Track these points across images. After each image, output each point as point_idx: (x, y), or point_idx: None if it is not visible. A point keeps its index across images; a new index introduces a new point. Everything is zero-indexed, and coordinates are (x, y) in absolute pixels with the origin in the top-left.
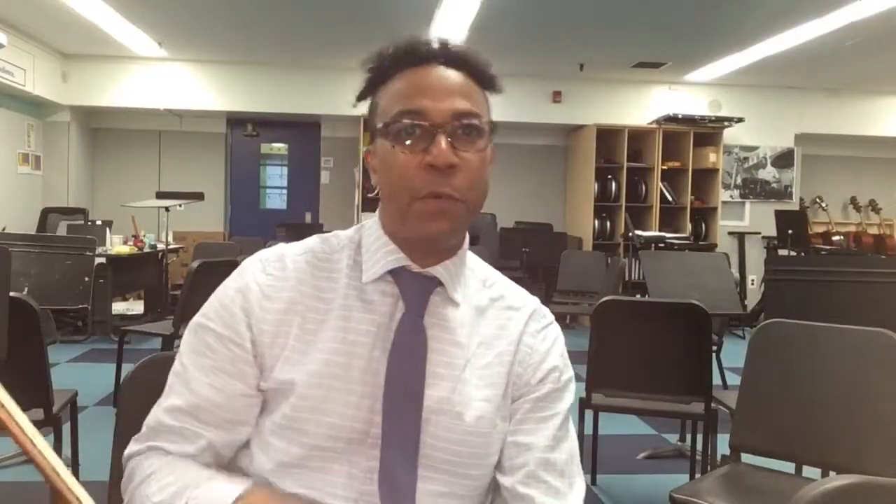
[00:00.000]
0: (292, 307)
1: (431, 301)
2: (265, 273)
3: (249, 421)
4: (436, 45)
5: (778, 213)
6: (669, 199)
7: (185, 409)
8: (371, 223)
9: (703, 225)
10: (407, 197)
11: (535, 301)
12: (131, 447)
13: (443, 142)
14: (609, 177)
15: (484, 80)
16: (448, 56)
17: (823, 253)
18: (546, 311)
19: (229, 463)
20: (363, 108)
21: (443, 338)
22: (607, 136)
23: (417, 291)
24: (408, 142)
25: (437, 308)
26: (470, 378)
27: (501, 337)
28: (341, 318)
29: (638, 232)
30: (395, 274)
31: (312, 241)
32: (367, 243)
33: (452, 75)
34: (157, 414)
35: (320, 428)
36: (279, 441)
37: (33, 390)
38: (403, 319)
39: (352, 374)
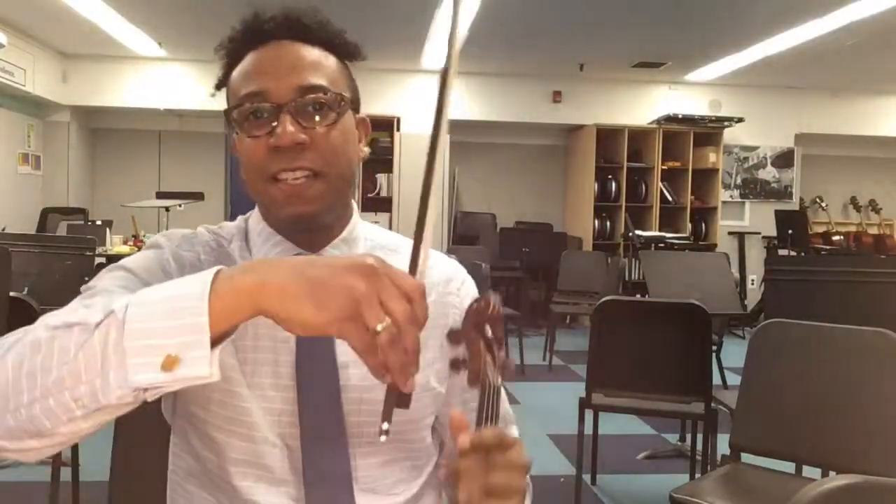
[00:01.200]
0: None
1: None
2: (181, 249)
3: None
4: (280, 20)
5: (778, 213)
6: (669, 199)
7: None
8: (255, 212)
9: (703, 225)
10: (259, 183)
11: (450, 262)
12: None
13: (287, 121)
14: (609, 177)
15: (339, 50)
16: (294, 29)
17: (823, 253)
18: (459, 268)
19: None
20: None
21: None
22: (607, 136)
23: None
24: (253, 126)
25: None
26: None
27: None
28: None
29: (638, 232)
30: None
31: (203, 229)
32: (253, 234)
33: (298, 49)
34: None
35: (248, 431)
36: (221, 434)
37: None
38: None
39: (265, 382)
